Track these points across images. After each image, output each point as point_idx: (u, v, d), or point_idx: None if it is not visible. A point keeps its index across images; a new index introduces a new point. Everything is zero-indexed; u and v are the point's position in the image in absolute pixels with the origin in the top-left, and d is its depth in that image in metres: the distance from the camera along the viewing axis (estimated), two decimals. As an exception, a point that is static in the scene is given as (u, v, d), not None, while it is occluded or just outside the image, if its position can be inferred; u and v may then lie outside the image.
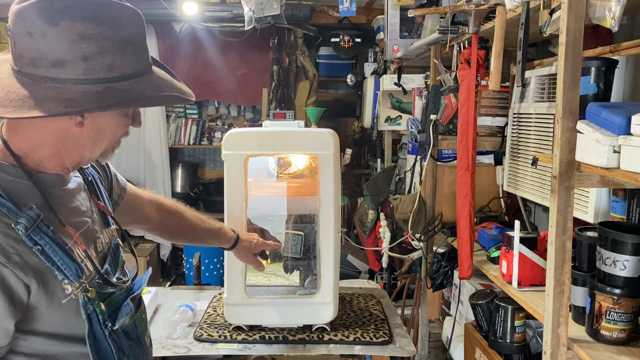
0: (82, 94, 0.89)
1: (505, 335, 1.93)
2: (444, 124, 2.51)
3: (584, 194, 1.79)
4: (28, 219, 0.91)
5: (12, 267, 0.89)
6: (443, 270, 2.55)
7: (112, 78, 0.92)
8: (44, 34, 0.87)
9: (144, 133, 4.70)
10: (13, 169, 0.96)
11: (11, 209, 0.91)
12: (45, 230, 0.94)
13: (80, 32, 0.88)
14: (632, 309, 1.37)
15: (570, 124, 1.33)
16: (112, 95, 0.91)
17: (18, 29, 0.88)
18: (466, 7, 1.83)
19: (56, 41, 0.87)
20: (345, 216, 4.68)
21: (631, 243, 1.36)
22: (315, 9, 4.22)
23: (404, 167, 3.38)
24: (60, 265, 0.95)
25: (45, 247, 0.93)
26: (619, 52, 1.65)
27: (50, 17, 0.87)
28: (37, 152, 0.98)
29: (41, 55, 0.88)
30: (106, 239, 1.13)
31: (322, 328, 1.85)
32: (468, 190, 2.01)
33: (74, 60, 0.89)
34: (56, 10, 0.87)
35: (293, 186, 2.03)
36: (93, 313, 1.00)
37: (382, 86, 3.74)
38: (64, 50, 0.88)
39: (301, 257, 1.92)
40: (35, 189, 0.97)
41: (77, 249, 1.00)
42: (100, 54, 0.90)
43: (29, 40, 0.88)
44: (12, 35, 0.90)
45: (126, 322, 1.07)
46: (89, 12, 0.89)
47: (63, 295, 0.95)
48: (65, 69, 0.89)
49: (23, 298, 0.91)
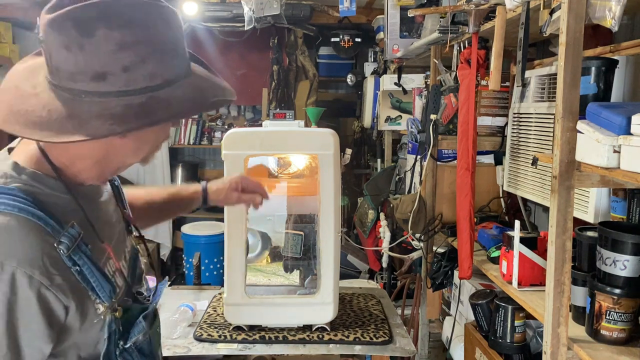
0: (126, 107, 0.84)
1: (505, 335, 1.93)
2: (444, 123, 2.51)
3: (584, 194, 1.79)
4: (69, 238, 0.88)
5: (54, 290, 0.85)
6: (443, 270, 2.55)
7: (154, 86, 0.86)
8: (81, 47, 0.81)
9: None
10: (52, 182, 0.91)
11: (54, 228, 0.87)
12: (84, 249, 0.90)
13: (118, 41, 0.82)
14: (632, 309, 1.37)
15: (570, 124, 1.33)
16: (155, 106, 0.86)
17: (53, 42, 0.83)
18: (466, 7, 1.83)
19: (95, 53, 0.82)
20: (345, 216, 4.68)
21: (631, 243, 1.36)
22: (315, 8, 4.22)
23: (404, 167, 3.38)
24: (95, 287, 0.92)
25: (84, 267, 0.90)
26: (619, 52, 1.65)
27: (85, 26, 0.81)
28: (77, 164, 0.94)
29: (80, 69, 0.83)
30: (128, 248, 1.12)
31: (322, 328, 1.85)
32: (468, 190, 2.01)
33: (115, 72, 0.83)
34: (90, 18, 0.81)
35: (293, 186, 2.03)
36: (113, 332, 0.96)
37: (382, 86, 3.74)
38: (103, 63, 0.82)
39: (301, 257, 1.92)
40: (74, 202, 0.93)
41: (109, 264, 0.98)
42: (141, 62, 0.84)
43: (66, 54, 0.82)
44: (47, 48, 0.84)
45: (139, 339, 1.02)
46: (124, 16, 0.83)
47: (95, 316, 0.93)
48: (106, 81, 0.83)
49: (61, 320, 0.88)
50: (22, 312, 0.82)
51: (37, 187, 0.89)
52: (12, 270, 0.81)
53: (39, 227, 0.85)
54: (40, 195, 0.89)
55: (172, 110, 0.87)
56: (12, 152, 0.95)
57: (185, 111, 0.91)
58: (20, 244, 0.83)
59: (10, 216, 0.83)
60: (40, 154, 0.92)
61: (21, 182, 0.88)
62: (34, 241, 0.84)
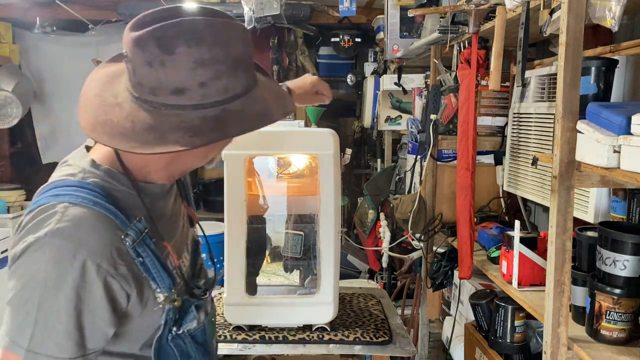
0: (202, 119, 0.90)
1: (505, 335, 1.93)
2: (444, 123, 2.51)
3: (584, 194, 1.79)
4: (136, 232, 0.94)
5: (119, 279, 0.92)
6: (443, 270, 2.55)
7: (225, 99, 0.92)
8: (163, 64, 0.87)
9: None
10: (124, 179, 0.98)
11: (123, 221, 0.94)
12: (148, 242, 0.97)
13: (196, 58, 0.87)
14: (632, 309, 1.37)
15: (570, 124, 1.33)
16: (229, 119, 0.92)
17: (137, 59, 0.89)
18: (466, 7, 1.83)
19: (175, 70, 0.88)
20: (345, 216, 4.68)
21: (631, 243, 1.36)
22: (315, 8, 4.21)
23: (404, 167, 3.38)
24: (156, 277, 0.98)
25: (146, 259, 0.96)
26: (619, 52, 1.65)
27: (166, 44, 0.87)
28: (149, 165, 1.00)
29: (161, 85, 0.89)
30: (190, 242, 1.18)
31: (322, 328, 1.85)
32: (468, 190, 2.01)
33: (193, 88, 0.89)
34: (171, 37, 0.87)
35: (293, 186, 2.03)
36: (170, 319, 1.02)
37: (382, 86, 3.74)
38: (182, 79, 0.88)
39: (301, 257, 1.92)
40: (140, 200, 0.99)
41: (170, 260, 1.04)
42: (216, 79, 0.90)
43: (148, 70, 0.88)
44: (132, 64, 0.90)
45: (192, 327, 1.08)
46: (202, 35, 0.88)
47: (154, 304, 0.99)
48: (184, 96, 0.89)
49: (123, 306, 0.95)
50: (88, 297, 0.89)
51: (111, 183, 0.97)
52: (83, 259, 0.87)
53: (110, 220, 0.92)
54: (113, 190, 0.96)
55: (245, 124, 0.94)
56: (90, 150, 1.02)
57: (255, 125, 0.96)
58: (92, 235, 0.89)
59: (87, 209, 0.91)
60: (115, 154, 0.98)
61: (97, 178, 0.96)
62: (104, 233, 0.90)
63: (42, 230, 0.87)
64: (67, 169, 0.99)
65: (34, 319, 0.87)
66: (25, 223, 0.91)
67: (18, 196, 3.85)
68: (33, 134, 4.62)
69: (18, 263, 0.89)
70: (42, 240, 0.87)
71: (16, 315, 0.88)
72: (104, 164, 0.98)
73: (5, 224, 3.58)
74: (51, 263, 0.87)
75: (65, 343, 0.88)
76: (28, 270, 0.88)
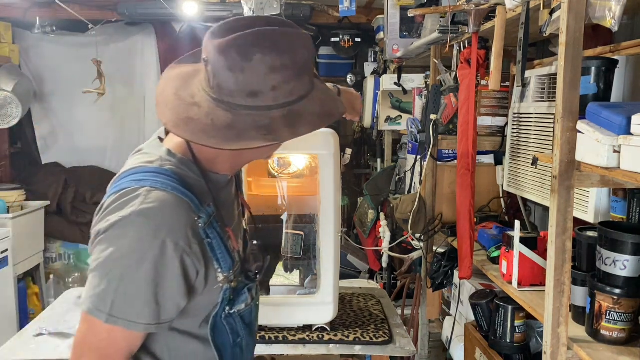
0: (272, 119, 1.00)
1: (506, 335, 1.93)
2: (444, 123, 2.51)
3: (584, 194, 1.79)
4: (207, 215, 1.04)
5: (192, 257, 1.01)
6: (443, 270, 2.55)
7: (291, 101, 1.02)
8: (242, 70, 0.97)
9: (144, 133, 4.70)
10: (195, 168, 1.08)
11: (196, 205, 1.03)
12: (215, 225, 1.07)
13: (269, 65, 0.97)
14: (632, 309, 1.37)
15: (570, 124, 1.33)
16: (294, 119, 1.02)
17: (219, 64, 0.99)
18: (466, 7, 1.83)
19: (251, 75, 0.98)
20: (345, 216, 4.68)
21: (631, 243, 1.36)
22: (315, 8, 4.22)
23: (404, 167, 3.38)
24: (219, 258, 1.07)
25: (213, 240, 1.06)
26: (619, 52, 1.65)
27: (245, 52, 0.97)
28: (218, 157, 1.10)
29: (239, 88, 0.99)
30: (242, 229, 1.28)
31: (322, 328, 1.85)
32: (468, 190, 2.01)
33: (266, 91, 0.99)
34: (250, 45, 0.97)
35: (293, 186, 2.03)
36: (225, 299, 1.11)
37: (382, 86, 3.74)
38: (257, 83, 0.98)
39: (301, 257, 1.92)
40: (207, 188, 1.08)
41: (230, 244, 1.13)
42: (285, 83, 1.00)
43: (228, 74, 0.98)
44: (213, 68, 1.00)
45: (242, 308, 1.17)
46: (275, 43, 0.98)
47: (215, 282, 1.08)
48: (258, 98, 0.99)
49: (192, 282, 1.04)
50: (166, 271, 0.98)
51: (185, 170, 1.06)
52: (163, 237, 0.97)
53: (186, 203, 1.02)
54: (186, 177, 1.05)
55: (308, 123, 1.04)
56: (164, 141, 1.12)
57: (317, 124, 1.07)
58: (171, 216, 0.99)
59: (167, 192, 1.00)
60: (187, 145, 1.08)
61: (173, 166, 1.05)
62: (181, 215, 1.00)
63: (127, 210, 0.97)
64: (144, 157, 1.08)
65: (115, 288, 0.96)
66: (109, 204, 1.00)
67: (18, 196, 3.85)
68: (33, 134, 4.61)
69: (102, 238, 0.98)
70: (127, 218, 0.97)
71: (99, 283, 0.97)
72: (178, 154, 1.08)
73: (5, 224, 3.58)
74: (135, 239, 0.96)
75: (143, 310, 0.98)
76: (112, 245, 0.97)
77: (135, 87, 4.68)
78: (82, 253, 4.38)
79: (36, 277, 4.09)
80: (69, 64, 4.52)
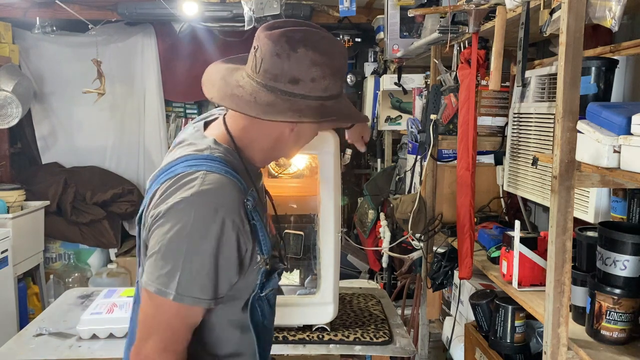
0: (306, 107, 1.13)
1: (506, 335, 1.93)
2: (444, 123, 2.51)
3: (584, 194, 1.79)
4: (253, 198, 1.13)
5: (244, 235, 1.10)
6: (443, 270, 2.54)
7: (325, 97, 1.16)
8: (288, 57, 1.11)
9: (144, 133, 4.70)
10: (237, 157, 1.18)
11: (244, 188, 1.13)
12: (258, 209, 1.14)
13: (312, 59, 1.12)
14: (632, 309, 1.37)
15: (570, 124, 1.33)
16: (324, 111, 1.15)
17: (269, 50, 1.12)
18: (466, 6, 1.83)
19: (295, 64, 1.11)
20: (345, 216, 4.67)
21: (631, 243, 1.36)
22: (315, 8, 4.21)
23: (404, 167, 3.38)
24: (261, 240, 1.15)
25: (257, 223, 1.13)
26: (619, 52, 1.65)
27: (293, 44, 1.10)
28: (254, 147, 1.21)
29: (283, 73, 1.11)
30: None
31: (322, 328, 1.85)
32: (468, 190, 2.01)
33: (306, 80, 1.12)
34: (297, 40, 1.11)
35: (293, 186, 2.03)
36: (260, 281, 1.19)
37: (382, 86, 3.74)
38: (299, 72, 1.12)
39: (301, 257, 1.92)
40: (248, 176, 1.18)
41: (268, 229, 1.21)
42: (322, 78, 1.13)
43: (276, 59, 1.11)
44: (262, 54, 1.12)
45: (270, 291, 1.24)
46: (317, 43, 1.13)
47: (255, 263, 1.16)
48: (298, 86, 1.12)
49: (243, 258, 1.12)
50: (225, 247, 1.07)
51: (230, 158, 1.16)
52: (222, 215, 1.05)
53: (238, 185, 1.11)
54: (232, 164, 1.15)
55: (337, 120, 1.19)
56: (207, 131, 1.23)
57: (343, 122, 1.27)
58: (228, 196, 1.08)
59: (221, 175, 1.09)
60: (228, 135, 1.19)
61: (222, 153, 1.15)
62: (236, 195, 1.09)
63: (188, 192, 1.05)
64: (191, 147, 1.17)
65: (181, 266, 1.04)
66: (167, 188, 1.09)
67: (18, 196, 3.85)
68: (33, 134, 4.61)
69: (163, 220, 1.06)
70: (188, 199, 1.05)
71: (164, 263, 1.05)
72: (223, 144, 1.18)
73: (5, 224, 3.58)
74: (197, 218, 1.04)
75: (206, 286, 1.06)
76: (175, 225, 1.04)
77: (135, 87, 4.68)
78: (82, 253, 4.38)
79: (36, 277, 4.08)
80: (69, 64, 4.52)
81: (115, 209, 4.38)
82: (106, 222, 4.33)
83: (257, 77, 1.14)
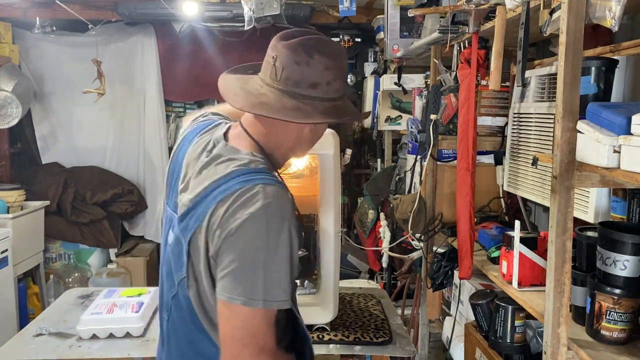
0: (324, 108, 1.22)
1: (506, 335, 1.93)
2: (444, 123, 2.51)
3: (584, 194, 1.79)
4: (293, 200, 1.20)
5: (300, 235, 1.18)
6: (443, 270, 2.54)
7: (336, 98, 1.25)
8: (307, 64, 1.20)
9: (144, 133, 4.69)
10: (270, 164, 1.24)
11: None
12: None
13: (325, 64, 1.21)
14: (632, 309, 1.37)
15: (570, 124, 1.33)
16: (339, 111, 1.25)
17: (288, 59, 1.20)
18: (466, 6, 1.83)
19: (313, 69, 1.20)
20: (345, 216, 4.67)
21: (631, 243, 1.36)
22: (315, 8, 4.21)
23: (404, 167, 3.38)
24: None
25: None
26: (619, 52, 1.65)
27: (309, 51, 1.20)
28: (279, 150, 1.29)
29: (304, 79, 1.20)
30: None
31: (322, 328, 1.85)
32: (468, 190, 2.01)
33: (323, 84, 1.22)
34: (311, 47, 1.20)
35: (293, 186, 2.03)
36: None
37: (382, 86, 3.74)
38: (317, 77, 1.21)
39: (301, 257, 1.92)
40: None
41: None
42: (335, 80, 1.23)
43: (296, 67, 1.20)
44: (282, 62, 1.20)
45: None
46: (329, 49, 1.22)
47: None
48: (317, 89, 1.21)
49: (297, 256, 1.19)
50: (294, 250, 1.15)
51: (269, 165, 1.23)
52: (288, 223, 1.13)
53: (289, 192, 1.19)
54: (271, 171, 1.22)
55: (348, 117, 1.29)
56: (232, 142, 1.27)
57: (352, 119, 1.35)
58: (287, 204, 1.16)
59: (276, 186, 1.16)
60: (256, 144, 1.25)
61: (263, 164, 1.22)
62: (291, 202, 1.18)
63: (254, 206, 1.12)
64: (234, 162, 1.21)
65: (262, 276, 1.11)
66: (229, 205, 1.13)
67: (18, 196, 3.85)
68: (33, 134, 4.61)
69: (236, 237, 1.11)
70: (255, 214, 1.11)
71: (245, 277, 1.11)
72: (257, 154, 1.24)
73: (5, 224, 3.57)
74: (269, 230, 1.11)
75: (286, 288, 1.14)
76: (249, 240, 1.11)
77: (135, 87, 4.68)
78: (82, 253, 4.38)
79: (36, 277, 4.08)
80: (69, 64, 4.51)
81: (115, 209, 4.38)
82: (106, 222, 4.33)
83: (278, 85, 1.21)
